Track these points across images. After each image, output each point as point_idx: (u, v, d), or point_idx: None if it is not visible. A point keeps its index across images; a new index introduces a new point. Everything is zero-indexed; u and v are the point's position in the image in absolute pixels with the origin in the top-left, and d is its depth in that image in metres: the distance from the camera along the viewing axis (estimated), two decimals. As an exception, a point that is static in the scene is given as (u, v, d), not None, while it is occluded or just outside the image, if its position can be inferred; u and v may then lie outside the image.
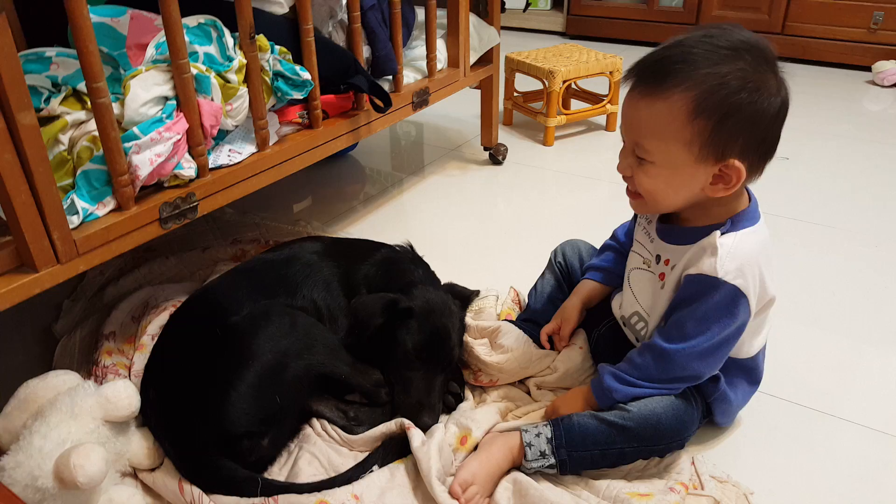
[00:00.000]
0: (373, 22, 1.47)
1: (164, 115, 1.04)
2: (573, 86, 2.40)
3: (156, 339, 1.13)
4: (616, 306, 1.12)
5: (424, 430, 1.00)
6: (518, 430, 0.97)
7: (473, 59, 1.84)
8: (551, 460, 0.94)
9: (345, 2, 1.41)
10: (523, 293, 1.31)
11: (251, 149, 1.24)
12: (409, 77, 1.66)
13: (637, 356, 0.96)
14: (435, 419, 1.03)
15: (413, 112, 1.65)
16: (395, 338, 1.07)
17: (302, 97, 1.29)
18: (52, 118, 1.01)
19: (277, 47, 1.23)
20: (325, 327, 1.11)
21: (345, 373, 1.05)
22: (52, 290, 0.95)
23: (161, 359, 1.06)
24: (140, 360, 1.14)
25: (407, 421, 1.00)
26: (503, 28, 2.12)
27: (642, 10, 3.39)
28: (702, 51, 0.81)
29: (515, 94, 2.37)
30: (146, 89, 1.03)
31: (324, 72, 1.33)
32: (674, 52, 0.83)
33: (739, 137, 0.83)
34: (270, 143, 1.27)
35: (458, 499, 0.90)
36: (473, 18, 1.81)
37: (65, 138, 1.01)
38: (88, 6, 0.90)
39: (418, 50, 1.73)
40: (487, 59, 1.92)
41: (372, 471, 0.95)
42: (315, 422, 1.05)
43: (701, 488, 0.93)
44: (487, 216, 1.81)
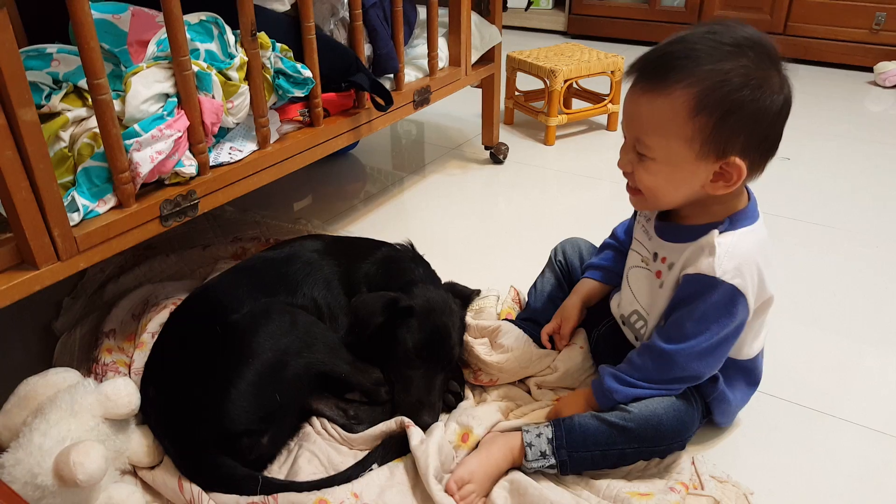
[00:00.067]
0: (374, 20, 1.47)
1: (165, 113, 1.04)
2: (574, 85, 2.40)
3: (156, 336, 1.13)
4: (615, 305, 1.11)
5: (424, 428, 1.00)
6: (519, 429, 0.97)
7: (475, 57, 1.83)
8: (552, 461, 0.94)
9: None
10: (524, 292, 1.30)
11: (252, 146, 1.23)
12: (411, 75, 1.66)
13: (637, 357, 0.96)
14: (435, 418, 1.03)
15: (414, 111, 1.65)
16: (396, 336, 1.07)
17: (303, 95, 1.29)
18: (52, 115, 1.01)
19: (279, 45, 1.23)
20: (326, 326, 1.11)
21: (345, 371, 1.05)
22: (52, 288, 0.95)
23: (161, 357, 1.06)
24: (140, 357, 1.14)
25: (407, 419, 1.00)
26: (505, 27, 2.11)
27: (644, 9, 3.39)
28: (704, 47, 0.81)
29: (517, 93, 2.37)
30: (147, 86, 1.03)
31: (325, 70, 1.33)
32: (676, 48, 0.83)
33: (741, 135, 0.82)
34: (271, 141, 1.27)
35: (452, 495, 0.89)
36: (475, 17, 1.80)
37: (66, 135, 1.01)
38: (90, 2, 0.90)
39: (420, 48, 1.73)
40: (489, 57, 1.92)
41: (371, 469, 0.95)
42: (315, 420, 1.05)
43: (701, 488, 0.93)
44: (488, 215, 1.81)
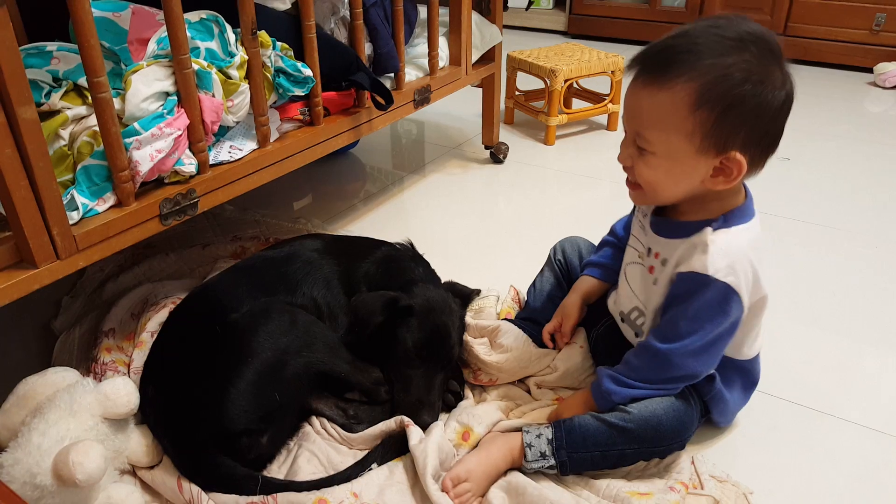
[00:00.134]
0: (375, 19, 1.47)
1: (164, 111, 1.04)
2: (575, 85, 2.39)
3: (155, 336, 1.13)
4: (611, 303, 1.11)
5: (424, 428, 1.00)
6: (519, 430, 0.97)
7: (475, 57, 1.83)
8: (551, 461, 0.93)
9: (347, -1, 1.41)
10: (523, 292, 1.30)
11: (252, 145, 1.23)
12: (411, 75, 1.66)
13: (633, 358, 0.96)
14: (434, 417, 1.03)
15: (414, 110, 1.65)
16: (395, 336, 1.07)
17: (303, 94, 1.29)
18: (52, 113, 1.00)
19: (279, 43, 1.23)
20: (325, 325, 1.11)
21: (344, 371, 1.05)
22: (51, 287, 0.95)
23: (160, 356, 1.05)
24: (139, 357, 1.14)
25: (406, 418, 1.00)
26: (505, 26, 2.11)
27: (644, 9, 3.39)
28: (707, 41, 0.80)
29: (517, 92, 2.37)
30: (147, 84, 1.03)
31: (325, 68, 1.33)
32: (678, 42, 0.82)
33: (742, 130, 0.82)
34: (271, 140, 1.27)
35: (447, 492, 0.89)
36: (476, 16, 1.80)
37: (65, 133, 1.01)
38: (90, 0, 0.90)
39: (420, 47, 1.73)
40: (489, 57, 1.92)
41: (371, 469, 0.95)
42: (314, 420, 1.04)
43: (701, 488, 0.93)
44: (488, 215, 1.81)
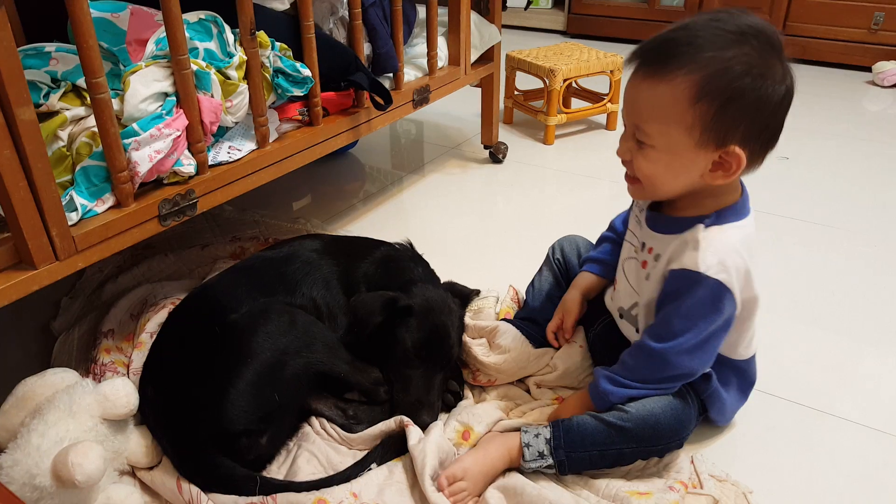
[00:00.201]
0: (374, 19, 1.47)
1: (163, 112, 1.04)
2: (574, 84, 2.39)
3: (154, 336, 1.12)
4: (608, 299, 1.11)
5: (423, 428, 1.00)
6: (518, 430, 0.97)
7: (474, 57, 1.83)
8: (549, 461, 0.93)
9: (345, -1, 1.41)
10: (522, 291, 1.30)
11: (251, 146, 1.23)
12: (410, 75, 1.66)
13: (629, 358, 0.96)
14: (434, 417, 1.03)
15: (413, 110, 1.65)
16: (395, 336, 1.07)
17: (302, 94, 1.29)
18: (51, 114, 1.00)
19: (278, 44, 1.23)
20: (325, 325, 1.11)
21: (344, 371, 1.05)
22: (50, 288, 0.95)
23: (159, 357, 1.05)
24: (138, 357, 1.14)
25: (406, 418, 1.00)
26: (504, 26, 2.11)
27: (643, 9, 3.39)
28: (707, 34, 0.80)
29: (516, 92, 2.37)
30: (146, 85, 1.02)
31: (324, 69, 1.33)
32: (679, 35, 0.82)
33: (741, 124, 0.82)
34: (270, 140, 1.27)
35: (442, 490, 0.89)
36: (474, 16, 1.80)
37: (64, 134, 1.01)
38: (88, 1, 0.90)
39: (419, 47, 1.73)
40: (488, 57, 1.92)
41: (371, 469, 0.95)
42: (314, 420, 1.04)
43: (700, 487, 0.93)
44: (487, 214, 1.81)
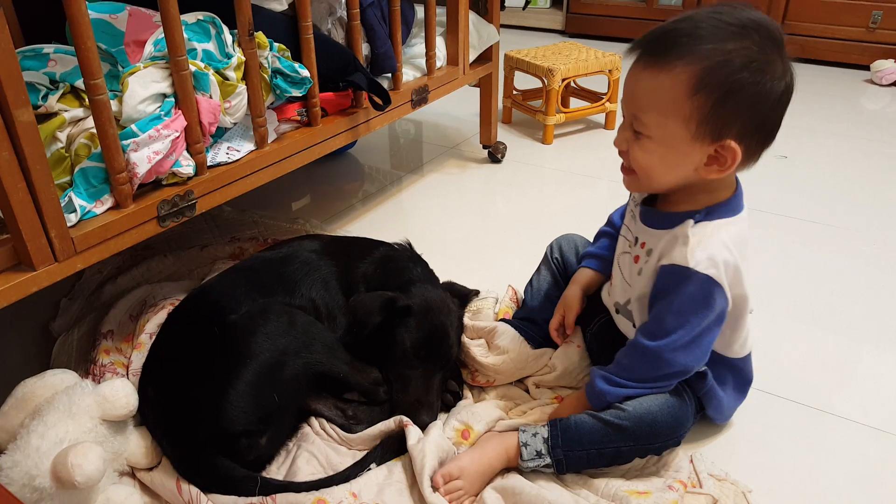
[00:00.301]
0: (372, 19, 1.47)
1: (162, 113, 1.04)
2: (572, 84, 2.39)
3: (154, 337, 1.12)
4: (605, 294, 1.11)
5: (423, 428, 1.00)
6: (516, 429, 0.97)
7: (473, 56, 1.83)
8: (547, 460, 0.94)
9: (344, -1, 1.41)
10: (521, 291, 1.30)
11: (250, 146, 1.23)
12: (409, 75, 1.66)
13: (624, 357, 0.96)
14: (433, 417, 1.03)
15: (412, 110, 1.65)
16: (394, 336, 1.07)
17: (301, 95, 1.29)
18: (49, 115, 1.00)
19: (276, 44, 1.23)
20: (324, 326, 1.11)
21: (343, 371, 1.05)
22: (49, 289, 0.95)
23: (159, 357, 1.05)
24: (138, 358, 1.14)
25: (405, 418, 1.00)
26: (502, 26, 2.11)
27: (642, 8, 3.39)
28: (709, 26, 0.80)
29: (514, 92, 2.37)
30: (144, 86, 1.03)
31: (323, 69, 1.33)
32: (681, 26, 0.82)
33: (739, 118, 0.82)
34: (269, 141, 1.27)
35: (438, 488, 0.89)
36: (473, 16, 1.80)
37: (62, 135, 1.01)
38: (87, 2, 0.90)
39: (417, 47, 1.73)
40: (487, 57, 1.92)
41: (370, 469, 0.95)
42: (313, 420, 1.04)
43: (699, 486, 0.93)
44: (486, 214, 1.81)
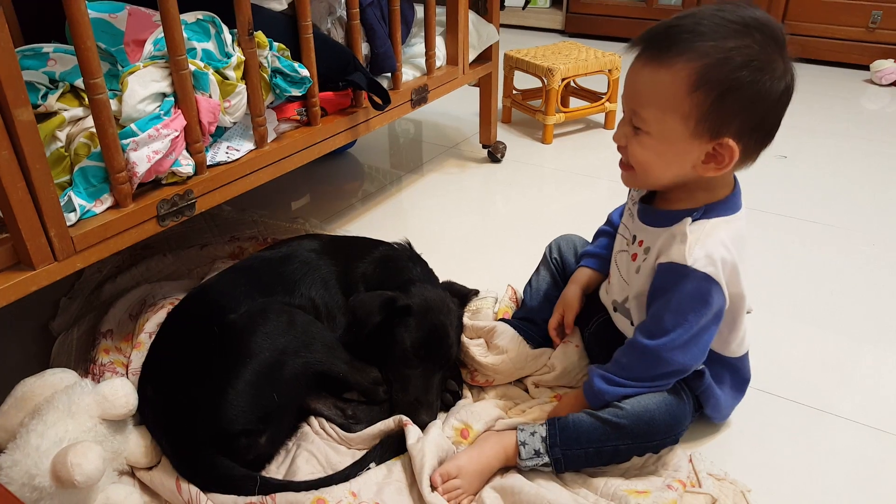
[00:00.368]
0: (372, 19, 1.46)
1: (161, 112, 1.04)
2: (572, 84, 2.39)
3: (153, 337, 1.13)
4: (603, 293, 1.11)
5: (422, 427, 1.00)
6: (514, 428, 0.97)
7: (472, 56, 1.83)
8: (545, 459, 0.94)
9: (343, -1, 1.41)
10: (521, 291, 1.30)
11: (249, 146, 1.23)
12: (408, 74, 1.66)
13: (622, 356, 0.96)
14: (433, 417, 1.03)
15: (412, 109, 1.65)
16: (393, 336, 1.07)
17: (300, 94, 1.29)
18: (49, 114, 1.00)
19: (276, 44, 1.23)
20: (323, 325, 1.11)
21: (343, 371, 1.05)
22: (49, 288, 0.95)
23: (158, 357, 1.05)
24: (137, 358, 1.14)
25: (405, 417, 1.00)
26: (502, 26, 2.11)
27: (641, 7, 3.39)
28: (711, 23, 0.80)
29: (514, 91, 2.37)
30: (144, 86, 1.03)
31: (322, 69, 1.33)
32: (683, 22, 0.82)
33: (737, 116, 0.82)
34: (269, 141, 1.27)
35: (436, 487, 0.89)
36: (472, 16, 1.80)
37: (62, 135, 1.01)
38: (86, 2, 0.90)
39: (417, 47, 1.73)
40: (486, 56, 1.92)
41: (370, 468, 0.95)
42: (313, 420, 1.04)
43: (698, 486, 0.93)
44: (486, 214, 1.81)
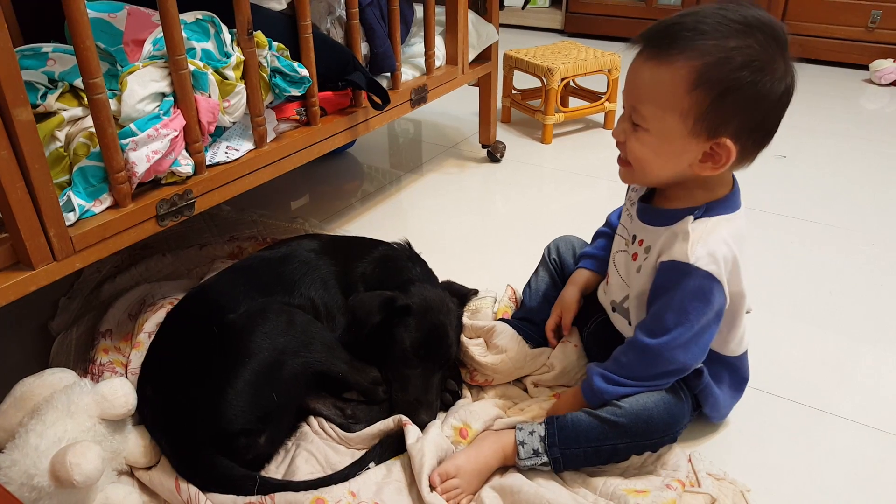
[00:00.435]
0: (371, 18, 1.46)
1: (161, 112, 1.04)
2: (571, 83, 2.39)
3: (152, 336, 1.13)
4: (601, 293, 1.11)
5: (422, 427, 1.00)
6: (513, 427, 0.97)
7: (472, 56, 1.83)
8: (544, 458, 0.94)
9: (343, -2, 1.41)
10: (520, 291, 1.30)
11: (248, 146, 1.23)
12: (408, 74, 1.66)
13: (622, 355, 0.96)
14: (432, 416, 1.03)
15: (411, 109, 1.65)
16: (393, 335, 1.07)
17: (300, 94, 1.29)
18: (48, 114, 1.00)
19: (275, 44, 1.23)
20: (323, 325, 1.11)
21: (342, 370, 1.05)
22: (48, 288, 0.95)
23: (158, 356, 1.05)
24: (137, 357, 1.14)
25: (404, 417, 1.00)
26: (501, 25, 2.12)
27: (640, 7, 3.39)
28: (713, 22, 0.81)
29: (514, 91, 2.37)
30: (143, 85, 1.03)
31: (322, 68, 1.33)
32: (685, 21, 0.82)
33: (736, 116, 0.82)
34: (268, 140, 1.27)
35: (434, 487, 0.89)
36: (472, 16, 1.80)
37: (61, 135, 1.01)
38: (85, 1, 0.90)
39: (417, 47, 1.73)
40: (486, 56, 1.92)
41: (369, 468, 0.95)
42: (312, 420, 1.04)
43: (698, 486, 0.93)
44: (485, 214, 1.81)
